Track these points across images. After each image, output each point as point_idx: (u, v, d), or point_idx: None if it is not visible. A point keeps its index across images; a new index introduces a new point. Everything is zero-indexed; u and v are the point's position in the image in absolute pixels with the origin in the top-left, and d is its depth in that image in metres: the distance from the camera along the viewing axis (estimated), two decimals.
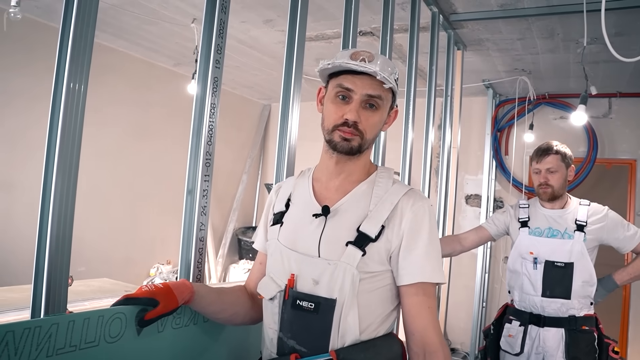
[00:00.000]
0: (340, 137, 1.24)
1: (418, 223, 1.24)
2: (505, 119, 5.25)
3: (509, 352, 2.56)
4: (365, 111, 1.24)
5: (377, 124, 1.27)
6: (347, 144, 1.24)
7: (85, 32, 1.25)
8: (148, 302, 1.20)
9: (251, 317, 1.46)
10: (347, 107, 1.23)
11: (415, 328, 1.21)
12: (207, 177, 1.66)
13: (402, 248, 1.23)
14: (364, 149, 1.27)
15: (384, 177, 1.33)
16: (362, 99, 1.23)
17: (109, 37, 4.23)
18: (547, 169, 2.49)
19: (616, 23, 3.07)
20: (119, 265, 4.68)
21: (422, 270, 1.22)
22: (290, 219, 1.35)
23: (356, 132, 1.23)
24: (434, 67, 3.23)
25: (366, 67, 1.19)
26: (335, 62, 1.24)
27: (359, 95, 1.22)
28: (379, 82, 1.22)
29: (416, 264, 1.22)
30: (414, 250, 1.23)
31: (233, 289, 1.48)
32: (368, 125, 1.24)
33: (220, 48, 1.70)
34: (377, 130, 1.29)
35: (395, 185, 1.30)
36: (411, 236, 1.23)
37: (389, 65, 1.26)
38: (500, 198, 5.27)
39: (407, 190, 1.28)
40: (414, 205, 1.25)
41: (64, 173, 1.22)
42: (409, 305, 1.23)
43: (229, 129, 5.97)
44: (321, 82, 1.36)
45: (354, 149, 1.25)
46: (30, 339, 1.06)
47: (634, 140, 4.75)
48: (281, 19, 3.49)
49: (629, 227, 2.45)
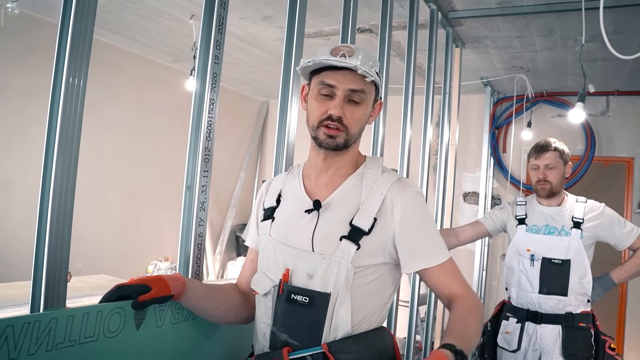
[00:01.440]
0: (325, 134, 1.24)
1: (411, 211, 1.25)
2: (503, 117, 5.26)
3: (506, 349, 2.57)
4: (349, 106, 1.25)
5: (361, 117, 1.28)
6: (332, 141, 1.24)
7: (85, 25, 1.25)
8: (140, 289, 1.22)
9: (243, 316, 1.47)
10: (330, 103, 1.24)
11: (442, 296, 1.28)
12: (206, 172, 1.66)
13: (401, 238, 1.24)
14: (350, 143, 1.28)
15: (372, 167, 1.34)
16: (345, 94, 1.23)
17: (107, 33, 4.22)
18: (546, 165, 2.50)
19: (614, 21, 3.07)
20: (117, 262, 4.67)
21: (428, 256, 1.25)
22: (281, 214, 1.36)
23: (341, 127, 1.24)
24: (433, 65, 3.23)
25: (346, 62, 1.20)
26: (315, 59, 1.24)
27: (341, 90, 1.23)
28: (361, 77, 1.23)
29: (420, 251, 1.25)
30: (415, 239, 1.25)
31: (224, 286, 1.48)
32: (352, 119, 1.25)
33: (220, 44, 1.70)
34: (362, 124, 1.30)
35: (384, 175, 1.31)
36: (408, 225, 1.25)
37: (369, 58, 1.27)
38: (498, 195, 5.29)
39: (395, 179, 1.29)
40: (404, 194, 1.26)
41: (64, 167, 1.22)
42: (429, 284, 1.29)
43: (227, 125, 5.96)
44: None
45: (339, 145, 1.25)
46: (29, 334, 1.06)
47: (631, 138, 4.77)
48: (280, 16, 3.49)
49: (625, 224, 2.46)
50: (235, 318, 1.46)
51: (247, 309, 1.47)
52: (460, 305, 1.23)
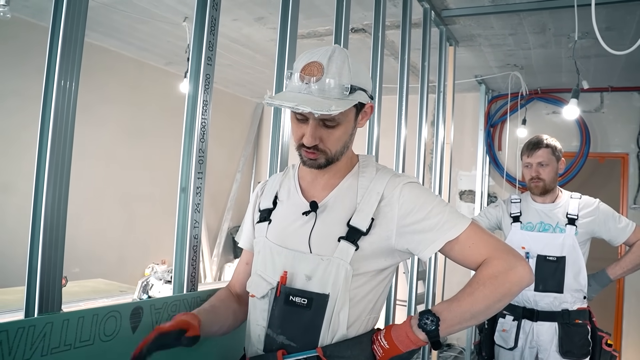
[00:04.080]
0: (306, 155, 1.23)
1: (410, 201, 1.23)
2: (498, 115, 5.28)
3: (503, 347, 2.57)
4: (325, 129, 1.20)
5: (340, 136, 1.23)
6: (313, 162, 1.23)
7: (76, 27, 1.25)
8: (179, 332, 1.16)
9: (240, 320, 1.47)
10: (305, 127, 1.20)
11: (470, 266, 1.22)
12: (200, 174, 1.66)
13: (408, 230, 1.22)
14: (335, 160, 1.25)
15: (366, 165, 1.33)
16: (318, 121, 1.19)
17: (100, 37, 4.21)
18: (538, 163, 2.50)
19: (606, 18, 3.09)
20: (113, 266, 4.66)
21: (439, 236, 1.21)
22: (278, 216, 1.35)
23: (318, 152, 1.22)
24: (426, 64, 3.24)
25: (303, 108, 1.10)
26: (273, 102, 1.15)
27: (312, 118, 1.18)
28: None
29: (431, 235, 1.21)
30: (421, 224, 1.21)
31: (222, 300, 1.46)
32: (330, 142, 1.22)
33: (212, 45, 1.70)
34: (344, 141, 1.25)
35: (378, 173, 1.30)
36: (411, 215, 1.22)
37: (341, 75, 1.17)
38: (494, 193, 5.30)
39: (389, 177, 1.27)
40: (399, 188, 1.24)
41: (56, 170, 1.22)
42: (455, 262, 1.25)
43: (222, 128, 5.96)
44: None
45: (321, 165, 1.24)
46: (24, 338, 1.06)
47: (625, 134, 4.79)
48: (273, 17, 3.49)
49: (620, 219, 2.46)
50: (235, 325, 1.46)
51: (242, 312, 1.46)
52: (477, 274, 1.18)
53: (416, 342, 1.15)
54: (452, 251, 1.22)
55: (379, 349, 1.18)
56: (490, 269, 1.16)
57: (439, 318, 1.13)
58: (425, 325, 1.13)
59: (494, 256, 1.18)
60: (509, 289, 1.15)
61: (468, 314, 1.15)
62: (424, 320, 1.14)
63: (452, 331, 1.16)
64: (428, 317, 1.14)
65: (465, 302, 1.15)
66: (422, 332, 1.14)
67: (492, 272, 1.16)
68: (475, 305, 1.14)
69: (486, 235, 1.23)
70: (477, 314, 1.15)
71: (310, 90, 1.16)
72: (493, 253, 1.19)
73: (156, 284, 3.05)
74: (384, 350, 1.17)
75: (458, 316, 1.15)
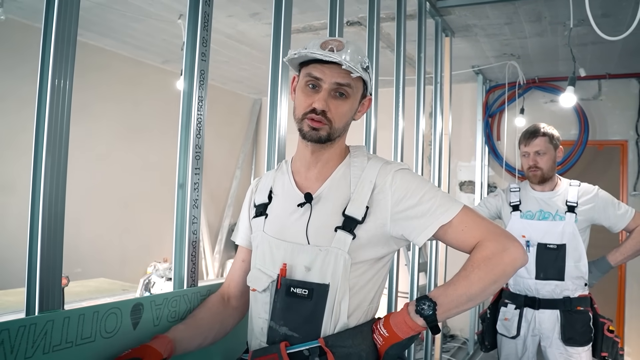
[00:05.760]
0: (309, 126, 1.24)
1: (402, 187, 1.24)
2: (496, 105, 5.27)
3: (506, 335, 2.58)
4: (334, 100, 1.24)
5: (346, 112, 1.27)
6: (315, 133, 1.24)
7: (68, 26, 1.24)
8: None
9: (231, 324, 1.49)
10: (316, 96, 1.24)
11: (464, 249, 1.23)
12: (197, 170, 1.66)
13: (402, 216, 1.23)
14: (334, 137, 1.27)
15: (357, 155, 1.34)
16: (331, 88, 1.23)
17: (96, 36, 4.20)
18: (536, 152, 2.50)
19: (602, 4, 3.08)
20: (115, 265, 4.67)
21: (431, 221, 1.21)
22: (274, 210, 1.36)
23: (324, 120, 1.24)
24: (423, 55, 3.24)
25: (331, 57, 1.19)
26: (301, 51, 1.24)
27: (327, 84, 1.23)
28: (349, 71, 1.22)
29: (424, 220, 1.22)
30: (414, 210, 1.22)
31: (208, 308, 1.48)
32: (337, 113, 1.25)
33: (206, 41, 1.70)
34: (347, 119, 1.29)
35: (370, 162, 1.31)
36: (403, 202, 1.23)
37: (358, 53, 1.25)
38: (494, 183, 5.30)
39: (381, 165, 1.29)
40: (391, 175, 1.26)
41: (53, 169, 1.22)
42: (450, 246, 1.27)
43: (221, 124, 5.96)
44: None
45: (322, 138, 1.25)
46: (25, 337, 1.07)
47: (624, 121, 4.78)
48: (268, 12, 3.48)
49: (619, 206, 2.46)
50: (222, 334, 1.47)
51: (232, 318, 1.48)
52: (471, 257, 1.19)
53: (414, 328, 1.16)
54: (445, 235, 1.23)
55: (379, 338, 1.20)
56: (483, 251, 1.17)
57: (435, 303, 1.14)
58: (422, 310, 1.14)
59: (487, 238, 1.19)
60: (503, 270, 1.16)
61: (464, 297, 1.15)
62: (421, 306, 1.15)
63: (449, 315, 1.17)
64: (425, 303, 1.15)
65: (461, 285, 1.16)
66: (420, 317, 1.15)
67: (486, 254, 1.17)
68: (471, 288, 1.15)
69: (479, 218, 1.24)
70: (474, 297, 1.16)
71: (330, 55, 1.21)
72: (486, 235, 1.19)
73: (158, 281, 3.07)
74: (383, 338, 1.19)
75: (455, 300, 1.15)
